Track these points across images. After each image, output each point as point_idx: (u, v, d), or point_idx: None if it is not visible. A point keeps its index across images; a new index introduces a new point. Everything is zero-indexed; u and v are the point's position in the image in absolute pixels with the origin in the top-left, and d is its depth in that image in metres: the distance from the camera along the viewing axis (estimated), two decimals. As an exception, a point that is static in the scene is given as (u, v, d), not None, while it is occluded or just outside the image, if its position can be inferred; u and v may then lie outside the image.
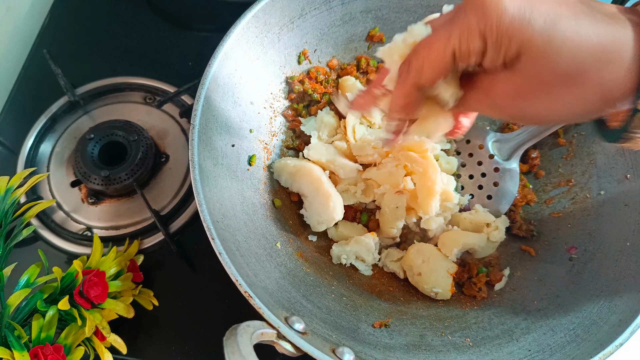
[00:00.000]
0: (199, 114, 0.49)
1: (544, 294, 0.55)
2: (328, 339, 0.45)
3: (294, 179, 0.57)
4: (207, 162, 0.49)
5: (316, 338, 0.43)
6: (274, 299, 0.45)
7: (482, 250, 0.57)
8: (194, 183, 0.46)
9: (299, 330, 0.41)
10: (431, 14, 0.61)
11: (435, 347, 0.51)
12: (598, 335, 0.47)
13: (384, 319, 0.52)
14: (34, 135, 0.66)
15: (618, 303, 0.49)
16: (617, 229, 0.54)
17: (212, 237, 0.43)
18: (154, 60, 0.73)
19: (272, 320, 0.39)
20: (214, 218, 0.45)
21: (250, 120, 0.58)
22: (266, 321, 0.39)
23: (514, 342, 0.51)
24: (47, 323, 0.46)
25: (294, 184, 0.57)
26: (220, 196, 0.49)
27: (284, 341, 0.38)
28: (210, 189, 0.48)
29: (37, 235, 0.60)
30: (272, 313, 0.39)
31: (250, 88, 0.57)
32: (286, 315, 0.43)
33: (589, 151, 0.58)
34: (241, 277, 0.41)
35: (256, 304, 0.40)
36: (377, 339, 0.50)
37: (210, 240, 0.42)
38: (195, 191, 0.45)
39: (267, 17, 0.55)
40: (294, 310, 0.47)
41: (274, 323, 0.39)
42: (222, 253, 0.42)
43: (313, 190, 0.55)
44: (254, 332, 0.36)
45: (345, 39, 0.63)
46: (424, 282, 0.54)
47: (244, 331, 0.35)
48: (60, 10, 0.78)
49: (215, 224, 0.44)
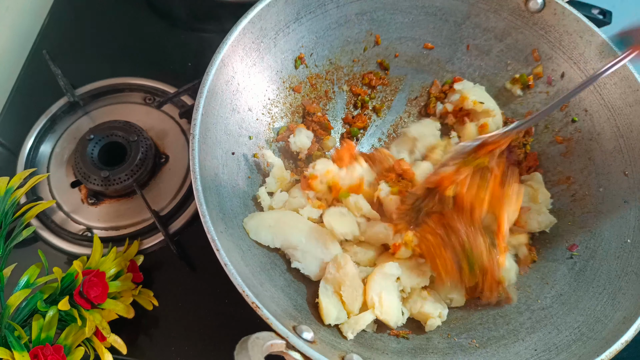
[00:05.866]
0: (198, 122, 0.48)
1: (547, 292, 0.55)
2: (337, 346, 0.45)
3: (276, 232, 0.51)
4: (208, 171, 0.48)
5: (325, 346, 0.43)
6: (281, 308, 0.45)
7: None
8: (197, 194, 0.45)
9: (307, 340, 0.41)
10: (425, 14, 0.63)
11: (442, 350, 0.50)
12: (603, 333, 0.47)
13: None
14: (34, 136, 0.65)
15: (621, 300, 0.49)
16: (617, 226, 0.54)
17: (216, 249, 0.42)
18: (153, 61, 0.73)
19: (280, 330, 0.39)
20: (217, 228, 0.44)
21: (249, 127, 0.57)
22: (275, 331, 0.38)
23: (520, 341, 0.50)
24: (47, 323, 0.45)
25: (276, 239, 0.51)
26: (223, 206, 0.49)
27: (293, 351, 0.38)
28: (213, 198, 0.47)
29: (37, 236, 0.60)
30: (280, 323, 0.39)
31: (248, 94, 0.57)
32: (294, 324, 0.42)
33: (587, 148, 0.59)
34: (248, 288, 0.41)
35: (264, 314, 0.39)
36: (384, 344, 0.50)
37: (215, 251, 0.42)
38: (198, 202, 0.44)
39: (263, 23, 0.55)
40: (301, 319, 0.47)
41: (282, 333, 0.38)
42: (227, 264, 0.41)
43: (304, 238, 0.51)
44: (264, 344, 0.36)
45: (342, 42, 0.64)
46: (439, 290, 0.54)
47: (254, 344, 0.35)
48: (60, 10, 0.78)
49: (219, 234, 0.43)
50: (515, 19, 0.60)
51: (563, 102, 0.52)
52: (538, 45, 0.60)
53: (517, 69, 0.63)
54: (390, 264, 0.51)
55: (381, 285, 0.50)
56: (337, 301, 0.50)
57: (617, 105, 0.56)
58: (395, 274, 0.51)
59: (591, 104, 0.58)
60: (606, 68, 0.46)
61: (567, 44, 0.58)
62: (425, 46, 0.65)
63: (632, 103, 0.54)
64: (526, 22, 0.60)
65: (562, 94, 0.60)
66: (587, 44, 0.57)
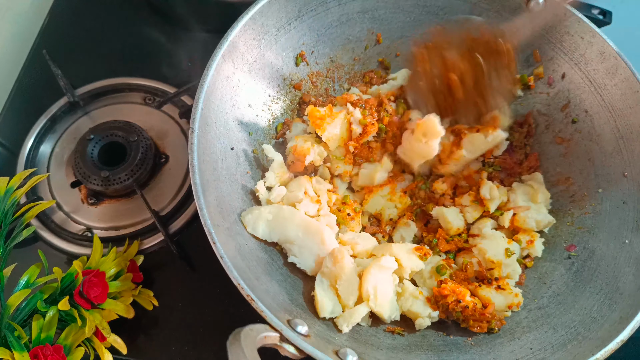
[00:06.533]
0: (197, 117, 0.48)
1: (544, 292, 0.55)
2: (331, 341, 0.45)
3: (273, 226, 0.51)
4: (206, 165, 0.49)
5: (319, 340, 0.43)
6: (276, 302, 0.45)
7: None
8: (194, 187, 0.45)
9: (301, 333, 0.41)
10: (427, 13, 0.62)
11: (437, 347, 0.51)
12: (599, 332, 0.47)
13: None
14: (34, 136, 0.66)
15: (618, 300, 0.50)
16: (616, 227, 0.54)
17: (213, 242, 0.42)
18: (153, 61, 0.73)
19: (275, 323, 0.39)
20: (214, 222, 0.44)
21: (249, 123, 0.57)
22: (269, 324, 0.39)
23: (516, 340, 0.51)
24: (47, 323, 0.46)
25: (273, 233, 0.52)
26: (220, 200, 0.49)
27: (287, 344, 0.38)
28: (211, 192, 0.47)
29: (37, 236, 0.60)
30: (275, 316, 0.39)
31: (249, 91, 0.57)
32: (289, 318, 0.43)
33: (587, 149, 0.59)
34: (243, 281, 0.41)
35: (259, 307, 0.39)
36: (379, 340, 0.50)
37: (212, 244, 0.42)
38: (196, 195, 0.45)
39: (265, 19, 0.55)
40: (296, 313, 0.47)
41: (276, 326, 0.39)
42: (223, 257, 0.42)
43: (300, 233, 0.51)
44: (257, 336, 0.36)
45: (343, 40, 0.63)
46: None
47: (247, 335, 0.35)
48: (60, 10, 0.78)
49: (216, 227, 0.44)
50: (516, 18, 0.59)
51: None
52: (539, 45, 0.60)
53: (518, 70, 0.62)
54: (387, 257, 0.51)
55: (377, 278, 0.51)
56: (333, 295, 0.50)
57: (617, 106, 0.56)
58: (391, 267, 0.51)
59: (592, 105, 0.58)
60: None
61: (568, 44, 0.58)
62: (426, 45, 0.64)
63: (632, 105, 0.54)
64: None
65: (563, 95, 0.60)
66: (588, 45, 0.56)
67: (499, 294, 0.53)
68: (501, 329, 0.52)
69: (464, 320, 0.51)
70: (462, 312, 0.50)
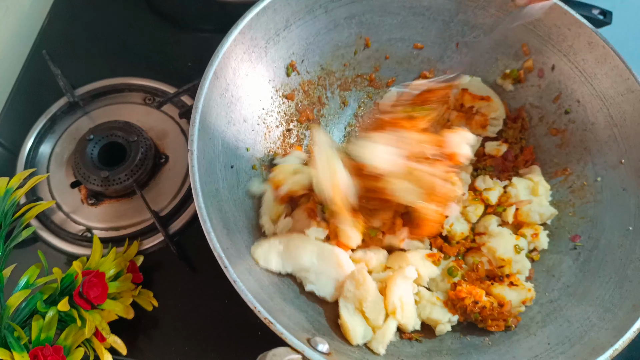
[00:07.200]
0: (195, 139, 0.47)
1: (554, 285, 0.54)
2: (352, 355, 0.44)
3: (286, 257, 0.50)
4: (209, 187, 0.48)
5: (340, 356, 0.42)
6: (292, 321, 0.44)
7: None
8: (200, 211, 0.44)
9: (323, 352, 0.40)
10: (414, 14, 0.63)
11: (456, 350, 0.49)
12: (614, 322, 0.46)
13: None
14: (34, 136, 0.65)
15: (629, 288, 0.49)
16: (618, 214, 0.54)
17: (224, 266, 0.41)
18: (153, 61, 0.73)
19: (295, 344, 0.38)
20: (223, 245, 0.43)
21: (246, 138, 0.57)
22: (290, 346, 0.38)
23: (532, 336, 0.50)
24: (46, 324, 0.45)
25: (286, 264, 0.50)
26: (226, 221, 0.48)
27: None
28: (216, 214, 0.47)
29: (36, 236, 0.59)
30: (294, 337, 0.38)
31: (242, 105, 0.57)
32: (308, 336, 0.42)
33: (582, 139, 0.59)
34: (259, 304, 0.40)
35: (278, 330, 0.39)
36: (398, 349, 0.49)
37: (223, 268, 0.41)
38: (202, 218, 0.44)
39: (253, 32, 0.56)
40: (314, 329, 0.46)
41: (298, 347, 0.38)
42: (237, 282, 0.41)
43: (315, 259, 0.50)
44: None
45: (332, 47, 0.64)
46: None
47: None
48: (60, 10, 0.78)
49: (226, 251, 0.43)
50: (503, 15, 0.61)
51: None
52: (527, 39, 0.61)
53: (508, 64, 0.64)
54: (410, 267, 0.51)
55: (401, 289, 0.50)
56: (361, 318, 0.49)
57: (608, 94, 0.57)
58: (412, 277, 0.51)
59: (583, 94, 0.59)
60: None
61: (556, 36, 0.60)
62: (415, 46, 0.66)
63: (623, 92, 0.55)
64: (514, 18, 0.61)
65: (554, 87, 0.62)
66: (575, 36, 0.58)
67: (513, 290, 0.52)
68: (516, 326, 0.51)
69: (481, 320, 0.50)
70: (480, 312, 0.49)
